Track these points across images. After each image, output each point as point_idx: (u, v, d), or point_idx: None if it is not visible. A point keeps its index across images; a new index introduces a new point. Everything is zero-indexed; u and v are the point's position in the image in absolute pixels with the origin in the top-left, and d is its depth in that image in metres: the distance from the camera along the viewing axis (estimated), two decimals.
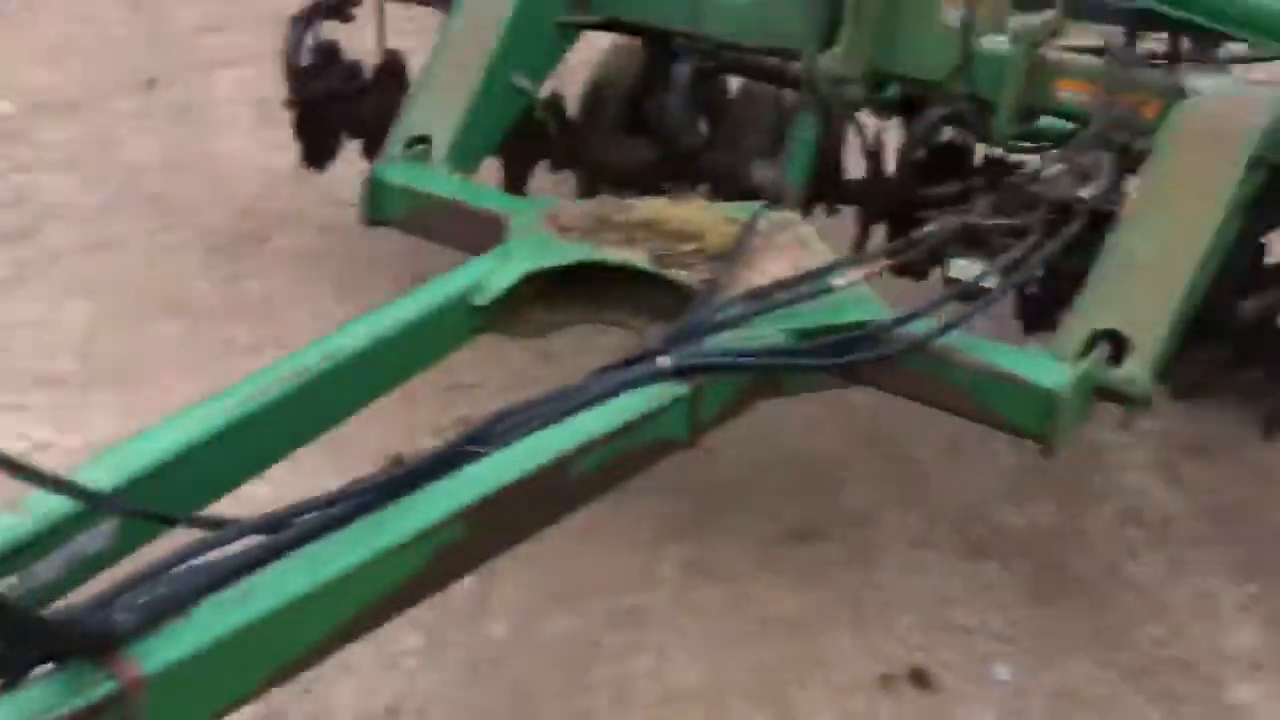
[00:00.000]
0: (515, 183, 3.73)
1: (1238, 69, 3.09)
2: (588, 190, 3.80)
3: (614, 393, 1.83)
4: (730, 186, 3.58)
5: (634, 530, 2.69)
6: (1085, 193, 2.26)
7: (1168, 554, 2.88)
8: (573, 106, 3.63)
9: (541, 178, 3.91)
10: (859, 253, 2.69)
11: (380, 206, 2.70)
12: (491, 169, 3.48)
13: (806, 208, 3.72)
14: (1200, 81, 2.51)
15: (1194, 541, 2.95)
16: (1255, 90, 2.46)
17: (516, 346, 3.24)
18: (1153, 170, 2.24)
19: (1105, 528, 2.97)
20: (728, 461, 3.01)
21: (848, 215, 3.38)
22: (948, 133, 3.10)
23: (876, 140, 3.53)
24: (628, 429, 1.80)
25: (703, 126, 3.95)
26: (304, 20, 3.44)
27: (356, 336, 2.04)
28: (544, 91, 3.54)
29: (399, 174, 2.69)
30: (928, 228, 2.47)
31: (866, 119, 3.24)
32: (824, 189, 3.56)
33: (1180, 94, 2.42)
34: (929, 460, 3.20)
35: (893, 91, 3.03)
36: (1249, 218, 2.74)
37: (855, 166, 3.38)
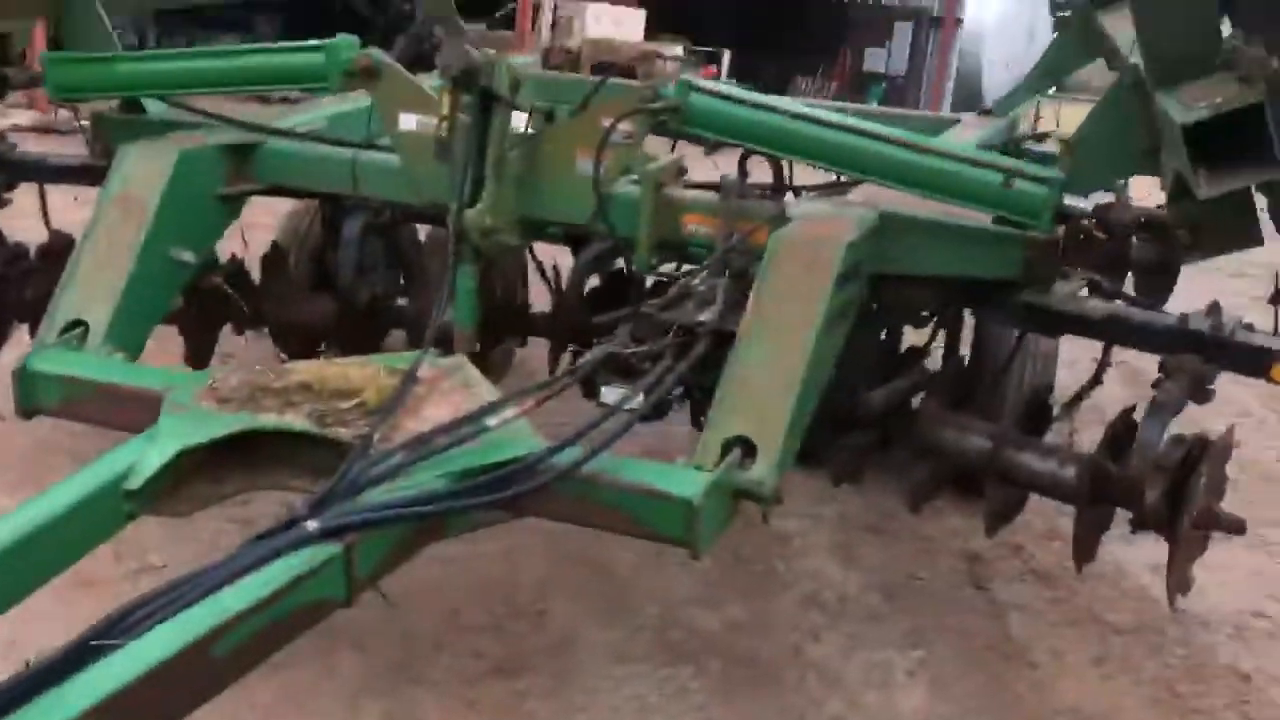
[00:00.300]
0: (200, 352, 3.71)
1: None
2: (283, 349, 3.84)
3: (261, 563, 1.85)
4: (422, 332, 3.70)
5: (332, 689, 2.68)
6: (705, 316, 2.50)
7: (845, 631, 3.12)
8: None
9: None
10: (517, 391, 2.81)
11: (33, 396, 2.61)
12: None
13: (496, 343, 3.91)
14: (801, 207, 2.84)
15: (868, 617, 3.22)
16: (847, 211, 2.79)
17: (208, 516, 3.20)
18: (759, 291, 2.49)
19: (789, 615, 3.19)
20: (428, 606, 3.05)
21: None
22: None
23: (555, 274, 3.77)
24: (275, 598, 1.81)
25: (394, 275, 4.12)
26: None
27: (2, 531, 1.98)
28: (224, 255, 3.59)
29: (50, 361, 2.63)
30: (581, 360, 2.65)
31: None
32: (509, 325, 3.76)
33: (784, 220, 2.72)
34: (630, 573, 3.35)
35: (555, 228, 3.24)
36: (869, 319, 3.11)
37: None
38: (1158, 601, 3.41)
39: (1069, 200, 2.65)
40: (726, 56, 23.87)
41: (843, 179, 3.13)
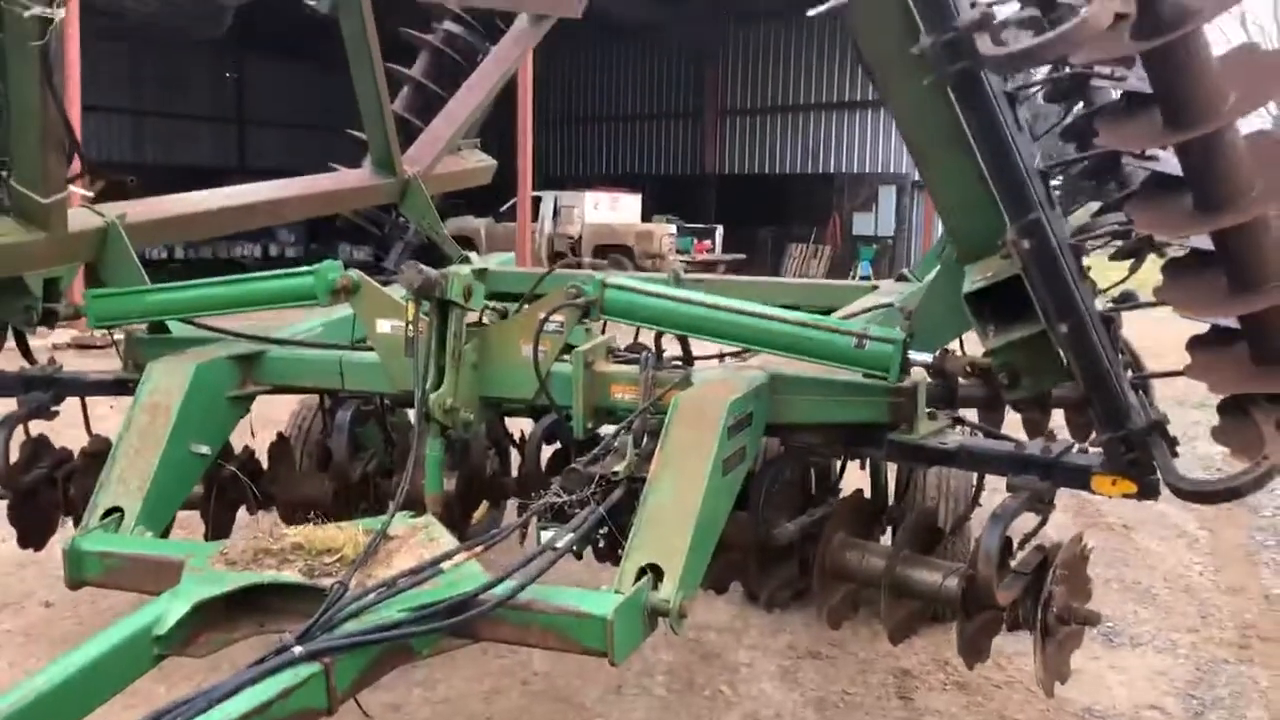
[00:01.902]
0: (220, 530, 4.28)
1: None
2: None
3: (256, 680, 2.38)
4: (408, 502, 4.26)
5: None
6: (619, 468, 3.05)
7: None
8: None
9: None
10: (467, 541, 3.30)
11: (79, 570, 3.18)
12: None
13: (475, 506, 4.44)
14: (704, 374, 3.44)
15: None
16: (740, 374, 3.38)
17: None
18: (663, 443, 3.05)
19: None
20: None
21: None
22: None
23: (522, 442, 4.35)
24: (268, 705, 2.34)
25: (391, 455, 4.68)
26: (7, 425, 3.98)
27: (49, 675, 2.51)
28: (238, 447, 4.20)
29: (93, 542, 3.21)
30: (525, 514, 3.20)
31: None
32: (481, 490, 4.32)
33: (689, 384, 3.32)
34: (594, 702, 3.81)
35: (511, 404, 3.82)
36: (784, 461, 3.64)
37: None
38: (1067, 701, 3.83)
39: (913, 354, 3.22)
40: (719, 231, 25.22)
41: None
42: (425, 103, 6.56)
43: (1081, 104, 4.06)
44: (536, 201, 22.83)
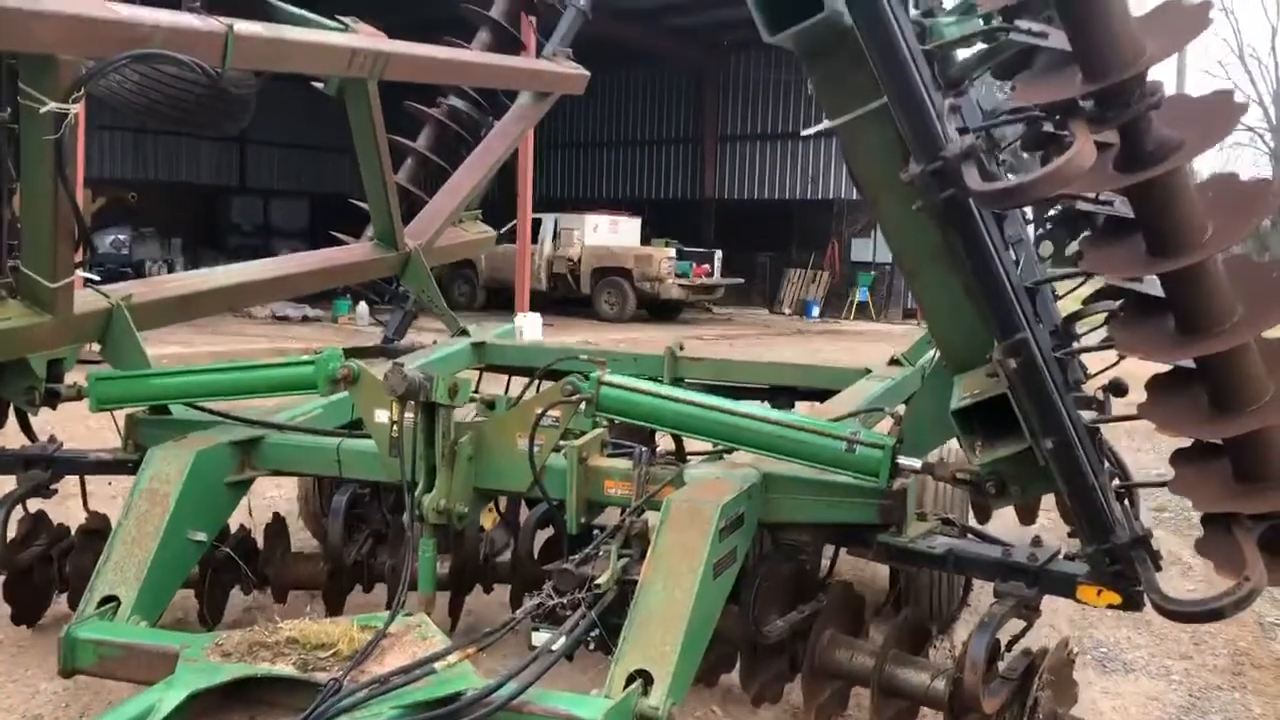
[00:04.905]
0: (213, 613, 4.29)
1: None
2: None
3: None
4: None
5: None
6: (602, 580, 3.07)
7: None
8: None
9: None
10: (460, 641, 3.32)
11: (74, 659, 3.19)
12: None
13: (465, 591, 4.45)
14: (696, 470, 3.49)
15: None
16: (733, 473, 3.43)
17: None
18: (654, 546, 3.09)
19: None
20: None
21: None
22: None
23: (515, 532, 4.38)
24: None
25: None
26: (5, 504, 4.02)
27: None
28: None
29: (88, 630, 3.23)
30: (517, 614, 3.22)
31: None
32: (474, 578, 4.34)
33: (681, 482, 3.37)
34: None
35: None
36: (778, 558, 3.67)
37: None
38: None
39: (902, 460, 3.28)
40: (718, 256, 25.26)
41: None
42: (428, 175, 6.68)
43: None
44: (536, 224, 22.84)
